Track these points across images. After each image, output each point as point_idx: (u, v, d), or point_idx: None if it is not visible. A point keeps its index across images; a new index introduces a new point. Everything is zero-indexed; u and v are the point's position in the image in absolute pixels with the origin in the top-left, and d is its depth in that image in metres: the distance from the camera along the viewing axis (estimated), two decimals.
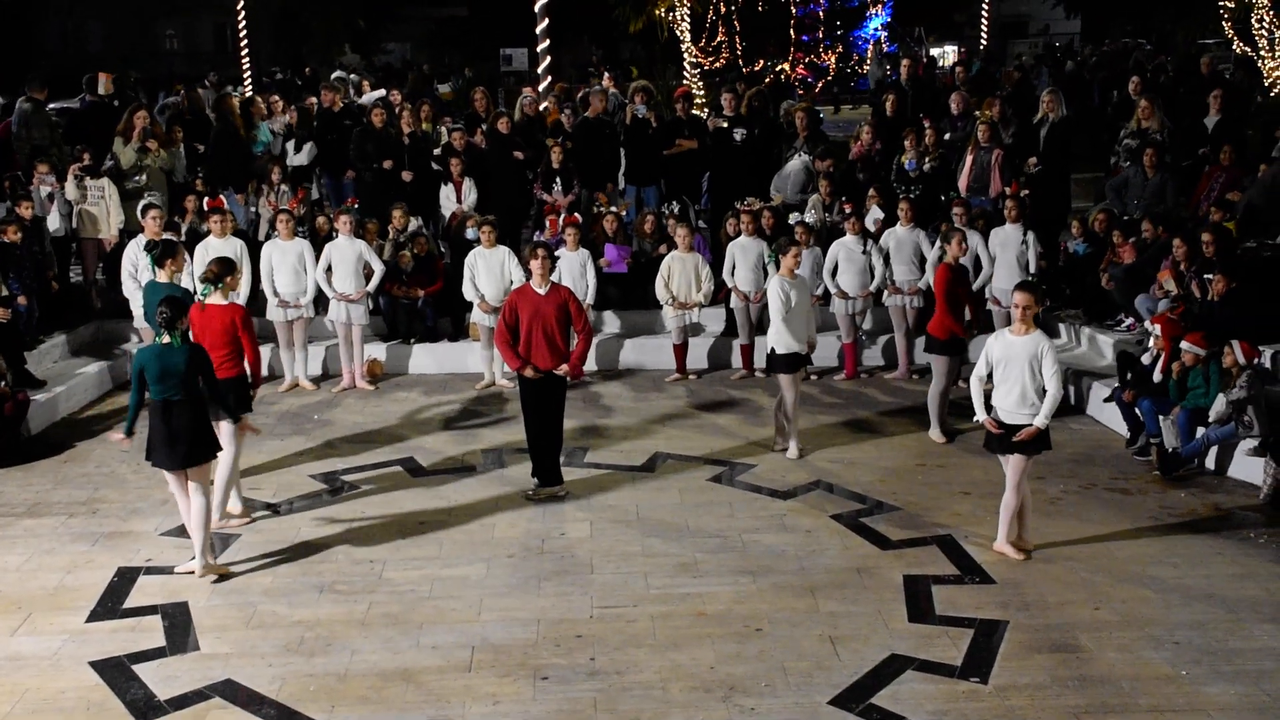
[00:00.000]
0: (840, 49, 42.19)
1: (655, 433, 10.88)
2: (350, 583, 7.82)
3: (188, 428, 7.72)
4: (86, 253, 13.70)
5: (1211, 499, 9.10)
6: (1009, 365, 7.92)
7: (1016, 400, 7.88)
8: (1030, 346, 7.85)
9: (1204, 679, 6.48)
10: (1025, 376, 7.84)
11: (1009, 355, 7.93)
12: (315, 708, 6.33)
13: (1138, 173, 13.33)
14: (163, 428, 7.71)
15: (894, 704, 6.28)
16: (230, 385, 8.55)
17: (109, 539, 8.60)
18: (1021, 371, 7.84)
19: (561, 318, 9.15)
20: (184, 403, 7.69)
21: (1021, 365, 7.84)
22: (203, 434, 7.86)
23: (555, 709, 6.28)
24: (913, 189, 13.22)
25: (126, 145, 13.69)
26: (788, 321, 10.02)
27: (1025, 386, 7.85)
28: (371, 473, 9.94)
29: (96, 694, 6.52)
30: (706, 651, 6.85)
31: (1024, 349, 7.86)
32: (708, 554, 8.19)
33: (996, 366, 8.02)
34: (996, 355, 8.01)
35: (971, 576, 7.80)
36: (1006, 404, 7.94)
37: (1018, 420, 7.88)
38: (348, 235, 12.19)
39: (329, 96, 15.39)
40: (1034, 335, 7.91)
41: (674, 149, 14.45)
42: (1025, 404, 7.86)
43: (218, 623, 7.30)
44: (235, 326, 8.61)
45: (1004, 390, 7.97)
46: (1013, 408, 7.91)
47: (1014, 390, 7.90)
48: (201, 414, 7.85)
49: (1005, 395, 7.95)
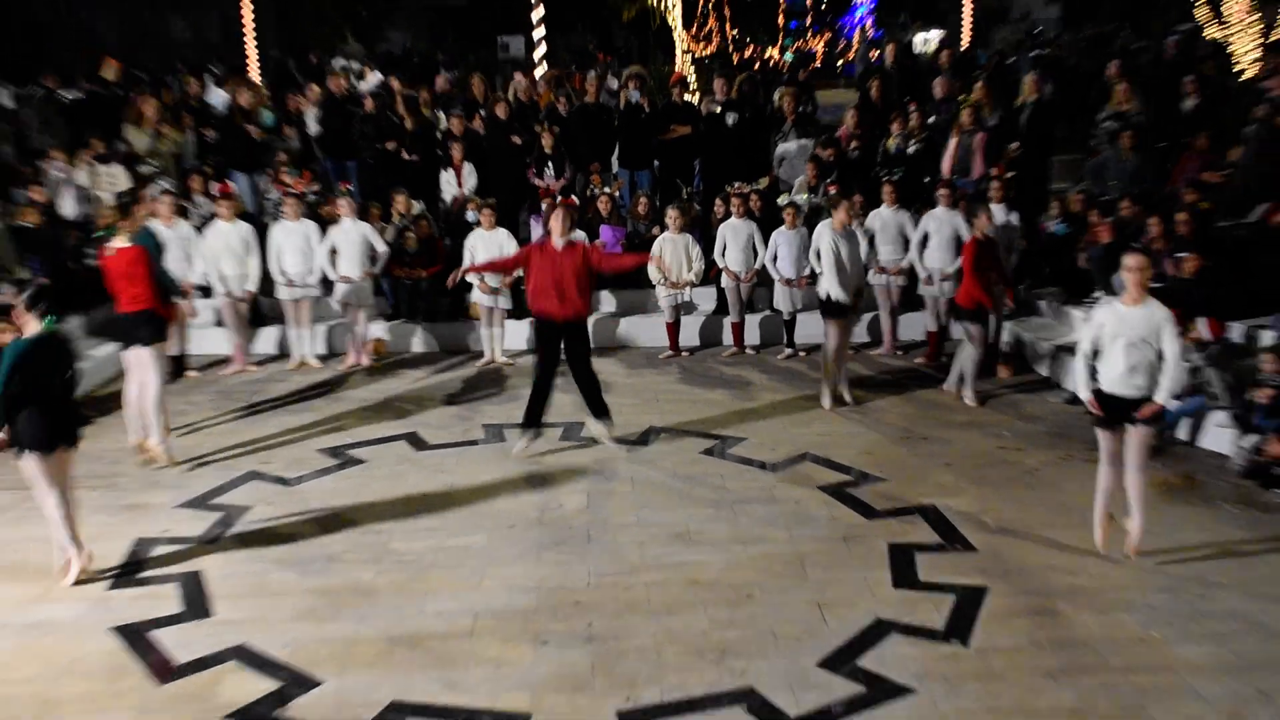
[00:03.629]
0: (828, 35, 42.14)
1: (649, 408, 10.92)
2: (358, 552, 7.86)
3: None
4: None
5: (1183, 468, 9.16)
6: (1124, 338, 7.22)
7: (1133, 374, 7.23)
8: (1148, 317, 7.17)
9: (1174, 640, 6.54)
10: (1145, 349, 7.18)
11: (1123, 327, 7.23)
12: (325, 670, 6.38)
13: (1115, 154, 13.35)
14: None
15: (879, 666, 6.33)
16: (142, 317, 9.21)
17: (128, 511, 8.65)
18: (1140, 345, 7.19)
19: (579, 270, 9.28)
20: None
21: (1138, 338, 7.18)
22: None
23: (554, 672, 6.33)
24: (896, 172, 13.22)
25: (140, 130, 13.69)
26: (839, 272, 10.37)
27: (1145, 358, 7.19)
28: (377, 447, 9.98)
29: (117, 658, 6.57)
30: (700, 617, 6.90)
31: (1141, 320, 7.18)
32: (700, 524, 8.23)
33: (1110, 339, 7.31)
34: (1109, 326, 7.28)
35: (954, 544, 7.85)
36: (1117, 377, 7.28)
37: (1135, 394, 7.26)
38: (351, 218, 12.22)
39: (335, 82, 15.38)
40: (1151, 305, 7.21)
41: (669, 134, 14.45)
42: (1145, 378, 7.22)
43: (231, 590, 7.35)
44: (133, 264, 9.11)
45: (1116, 364, 7.28)
46: (1127, 381, 7.26)
47: (1131, 363, 7.22)
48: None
49: (1116, 368, 7.27)
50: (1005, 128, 13.77)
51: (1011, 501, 8.33)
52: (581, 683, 6.21)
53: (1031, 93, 13.88)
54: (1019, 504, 8.33)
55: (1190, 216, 11.22)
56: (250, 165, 14.18)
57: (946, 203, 11.95)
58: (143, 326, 9.23)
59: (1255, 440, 8.87)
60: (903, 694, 6.06)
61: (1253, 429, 8.92)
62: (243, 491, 9.02)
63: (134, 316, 9.23)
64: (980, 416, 10.51)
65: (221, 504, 8.75)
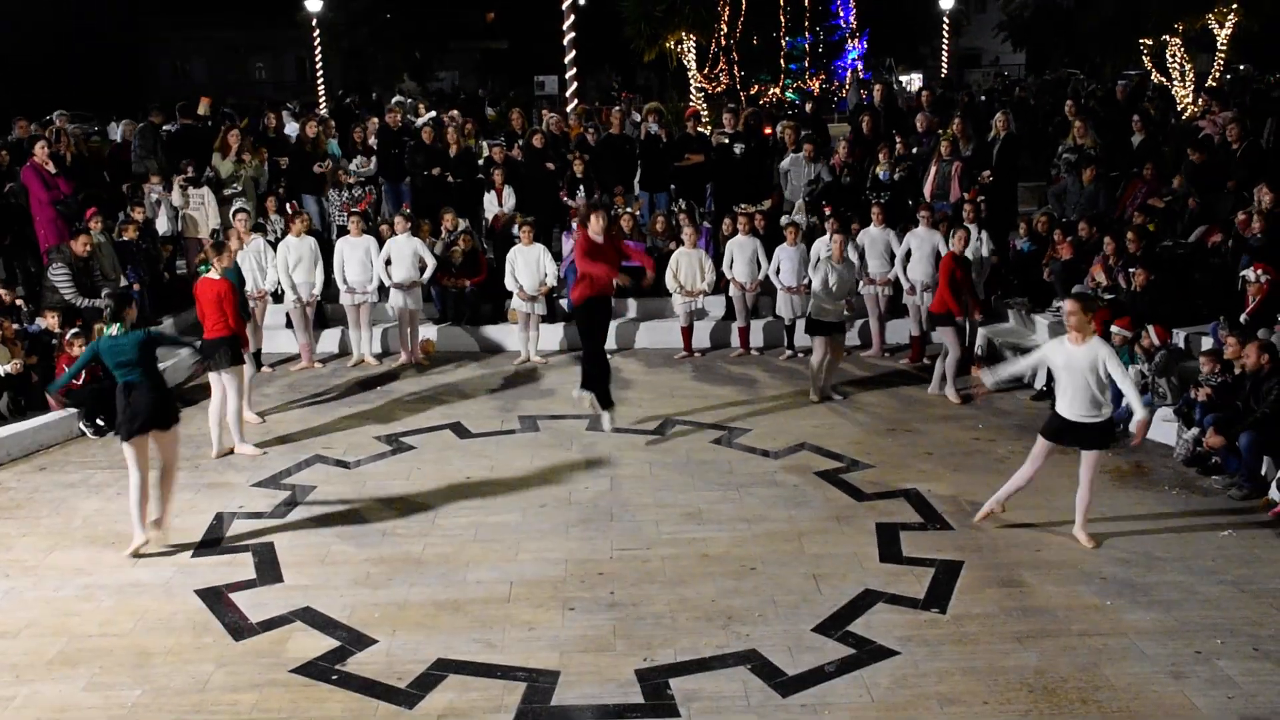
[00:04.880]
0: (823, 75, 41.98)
1: (666, 402, 10.84)
2: (408, 527, 7.84)
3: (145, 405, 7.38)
4: (189, 249, 13.70)
5: (1133, 458, 9.04)
6: (1072, 372, 7.13)
7: (1083, 404, 7.12)
8: (1090, 355, 7.05)
9: (1125, 608, 6.49)
10: (1090, 381, 7.06)
11: (1071, 364, 7.12)
12: (379, 631, 6.36)
13: (1074, 182, 13.25)
14: (124, 405, 7.39)
15: (867, 631, 6.29)
16: (220, 342, 9.10)
17: (209, 488, 8.64)
18: (1086, 376, 7.06)
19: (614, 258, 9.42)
20: (140, 385, 7.35)
21: (1084, 371, 7.06)
22: (160, 408, 7.46)
23: (580, 634, 6.29)
24: (883, 195, 13.14)
25: (225, 159, 13.71)
26: (825, 296, 10.50)
27: (1090, 390, 7.08)
28: (426, 435, 9.94)
29: (200, 616, 6.58)
30: (709, 587, 6.85)
31: (1085, 357, 7.06)
32: (710, 504, 8.18)
33: (1059, 373, 7.25)
34: (1059, 363, 7.20)
35: (934, 524, 7.79)
36: (1070, 407, 7.19)
37: (1084, 419, 7.16)
38: (405, 234, 12.22)
39: (393, 116, 15.38)
40: (1093, 343, 7.08)
41: (684, 163, 14.39)
42: (1091, 406, 7.12)
43: (298, 560, 7.33)
44: (221, 297, 9.04)
45: (1068, 394, 7.19)
46: (1078, 410, 7.15)
47: (1079, 394, 7.12)
48: (160, 396, 7.49)
49: (1069, 399, 7.18)
50: (979, 158, 13.67)
51: (985, 486, 8.22)
52: (604, 644, 6.18)
53: (1002, 128, 13.78)
54: (991, 488, 8.18)
55: (1138, 236, 11.13)
56: (317, 189, 14.17)
57: (927, 223, 11.88)
58: (220, 350, 9.14)
59: (1195, 433, 8.76)
60: (888, 655, 6.02)
61: (1194, 423, 8.82)
62: (308, 473, 9.00)
63: (214, 342, 9.13)
64: (957, 411, 10.40)
65: (290, 483, 8.73)
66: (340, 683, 5.84)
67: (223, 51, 56.24)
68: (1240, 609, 6.47)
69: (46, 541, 7.68)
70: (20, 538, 7.76)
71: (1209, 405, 8.70)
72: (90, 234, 11.34)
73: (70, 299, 10.94)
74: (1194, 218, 12.24)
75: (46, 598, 6.85)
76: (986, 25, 49.54)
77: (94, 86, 42.18)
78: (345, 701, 5.67)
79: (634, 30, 23.93)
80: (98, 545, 7.59)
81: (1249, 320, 9.61)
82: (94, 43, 47.77)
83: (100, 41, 48.41)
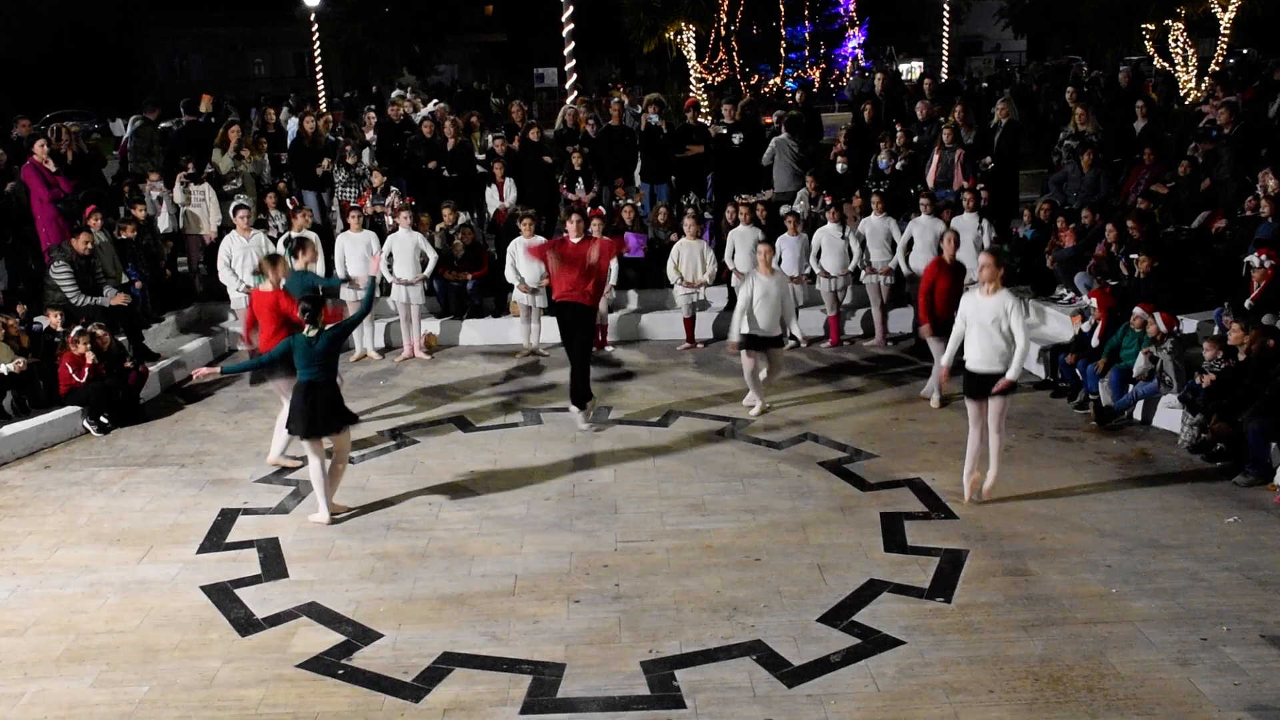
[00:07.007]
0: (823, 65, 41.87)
1: (669, 393, 10.85)
2: (412, 521, 7.85)
3: (326, 403, 7.67)
4: (190, 246, 13.71)
5: (1138, 445, 9.05)
6: (979, 322, 7.55)
7: (986, 354, 7.53)
8: (997, 305, 7.47)
9: (1130, 596, 6.48)
10: (994, 332, 7.46)
11: (979, 313, 7.55)
12: (385, 625, 6.38)
13: (1076, 169, 13.23)
14: (305, 404, 7.62)
15: (872, 620, 6.29)
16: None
17: (214, 485, 8.66)
18: (990, 328, 7.48)
19: (589, 259, 9.42)
20: (324, 384, 7.66)
21: (988, 322, 7.48)
22: (340, 409, 7.84)
23: (585, 627, 6.30)
24: (884, 184, 13.12)
25: (225, 154, 13.70)
26: (753, 313, 9.85)
27: (994, 341, 7.47)
28: (429, 428, 9.95)
29: (206, 612, 6.60)
30: (713, 578, 6.86)
31: (991, 308, 7.48)
32: (714, 496, 8.18)
33: (969, 324, 7.64)
34: (968, 312, 7.62)
35: (938, 513, 7.78)
36: (976, 357, 7.60)
37: (989, 370, 7.54)
38: (406, 228, 12.21)
39: (394, 111, 15.34)
40: (1000, 295, 7.49)
41: (684, 154, 14.37)
42: (996, 356, 7.49)
43: (303, 555, 7.35)
44: (278, 306, 8.80)
45: (975, 345, 7.60)
46: (982, 360, 7.56)
47: (984, 345, 7.53)
48: (336, 392, 7.84)
49: (975, 349, 7.59)
50: (980, 145, 13.65)
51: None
52: (609, 636, 6.19)
53: (1003, 115, 13.75)
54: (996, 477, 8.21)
55: (1140, 222, 11.09)
56: (317, 184, 14.16)
57: (929, 211, 11.85)
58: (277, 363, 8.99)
59: (1200, 419, 8.75)
60: (893, 645, 6.02)
61: (1198, 410, 8.80)
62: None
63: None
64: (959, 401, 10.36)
65: (294, 479, 8.74)
66: (346, 677, 5.85)
67: (220, 48, 56.26)
68: (1246, 596, 6.46)
69: (52, 539, 7.71)
70: (26, 536, 7.78)
71: (1213, 392, 8.69)
72: (91, 232, 11.35)
73: (72, 298, 10.95)
74: (1196, 202, 12.20)
75: (53, 595, 6.87)
76: (987, 12, 49.44)
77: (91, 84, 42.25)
78: (352, 696, 5.69)
79: (633, 21, 23.92)
80: (103, 542, 7.61)
81: (1254, 306, 9.59)
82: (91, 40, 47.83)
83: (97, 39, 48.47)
